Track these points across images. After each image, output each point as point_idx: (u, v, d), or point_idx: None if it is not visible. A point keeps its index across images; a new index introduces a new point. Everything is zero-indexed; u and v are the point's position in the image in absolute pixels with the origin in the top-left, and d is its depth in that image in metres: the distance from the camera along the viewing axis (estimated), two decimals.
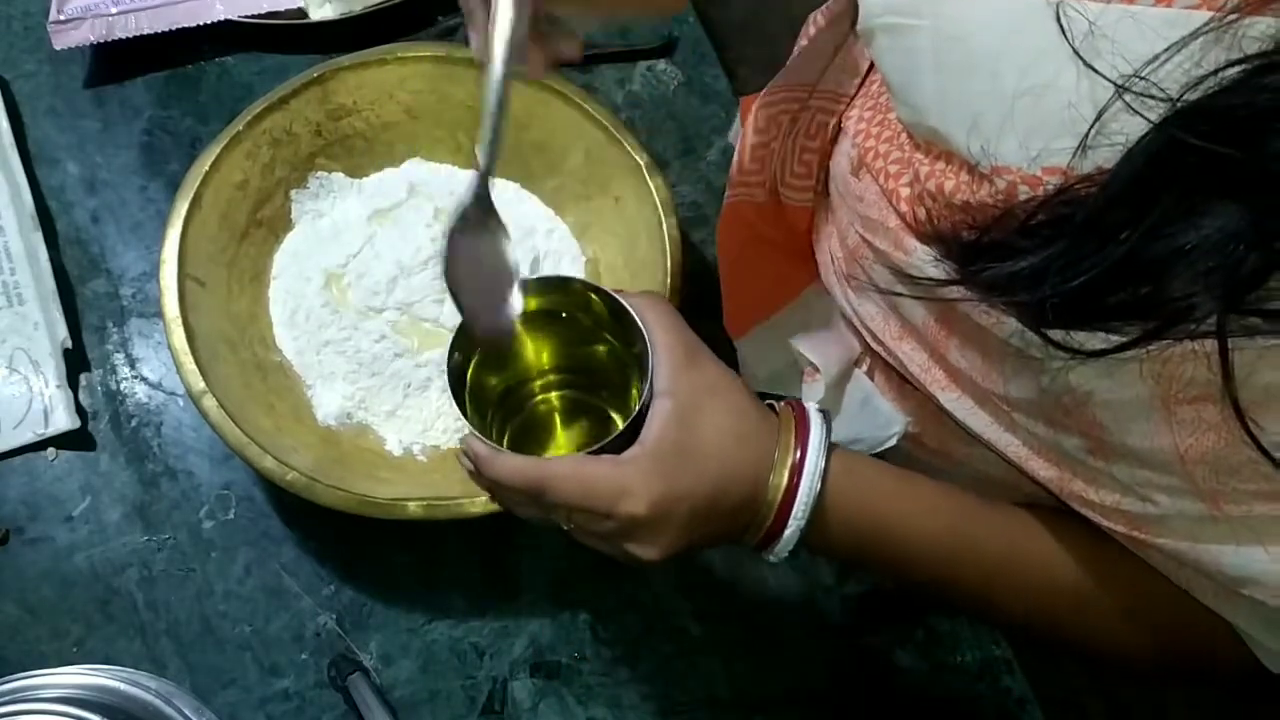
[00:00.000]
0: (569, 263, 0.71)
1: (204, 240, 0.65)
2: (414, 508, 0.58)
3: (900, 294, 0.47)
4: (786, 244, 0.61)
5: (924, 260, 0.44)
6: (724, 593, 0.67)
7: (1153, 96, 0.32)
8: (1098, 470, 0.42)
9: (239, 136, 0.66)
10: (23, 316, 0.70)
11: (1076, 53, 0.35)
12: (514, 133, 0.72)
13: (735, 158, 0.64)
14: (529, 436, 0.56)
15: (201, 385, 0.60)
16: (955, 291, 0.40)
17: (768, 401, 0.50)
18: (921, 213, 0.44)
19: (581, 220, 0.73)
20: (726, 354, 0.56)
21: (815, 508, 0.47)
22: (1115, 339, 0.34)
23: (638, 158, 0.67)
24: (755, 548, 0.49)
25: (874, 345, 0.54)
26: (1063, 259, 0.34)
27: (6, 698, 0.50)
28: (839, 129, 0.56)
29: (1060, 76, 0.35)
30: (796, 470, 0.47)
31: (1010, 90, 0.38)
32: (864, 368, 0.58)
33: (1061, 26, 0.35)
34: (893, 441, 0.55)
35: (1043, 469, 0.45)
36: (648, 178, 0.67)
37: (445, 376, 0.50)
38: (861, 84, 0.56)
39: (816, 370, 0.56)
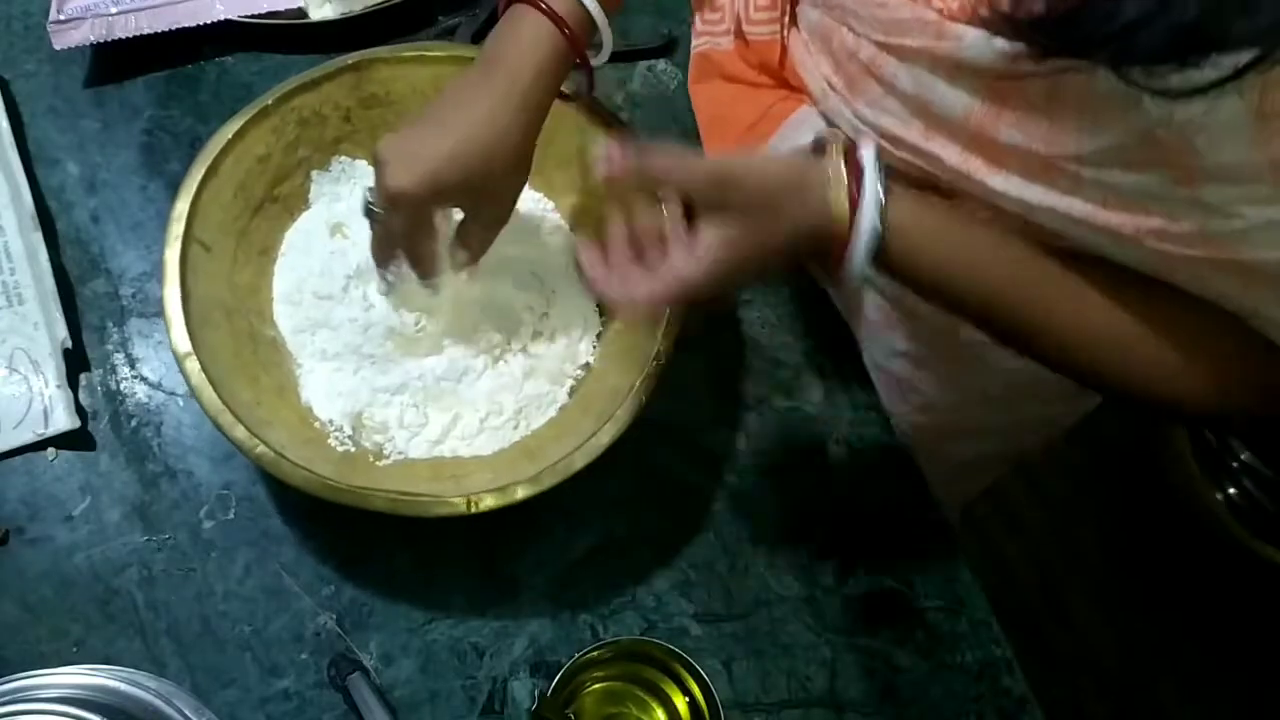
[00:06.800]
0: (567, 261, 0.71)
1: (216, 207, 0.65)
2: (379, 500, 0.57)
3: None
4: (760, 81, 0.62)
5: (977, 42, 0.45)
6: (724, 593, 0.67)
7: None
8: (1179, 200, 0.44)
9: (267, 110, 0.67)
10: (23, 316, 0.70)
11: None
12: None
13: (693, 7, 0.65)
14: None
15: (187, 347, 0.59)
16: (1028, 65, 0.41)
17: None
18: None
19: (578, 215, 0.73)
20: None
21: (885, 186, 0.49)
22: (1210, 73, 0.36)
23: None
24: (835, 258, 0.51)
25: (895, 152, 0.54)
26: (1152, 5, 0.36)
27: (6, 698, 0.49)
28: None
29: None
30: (853, 165, 0.49)
31: None
32: None
33: None
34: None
35: (1114, 217, 0.46)
36: None
37: None
38: None
39: None
